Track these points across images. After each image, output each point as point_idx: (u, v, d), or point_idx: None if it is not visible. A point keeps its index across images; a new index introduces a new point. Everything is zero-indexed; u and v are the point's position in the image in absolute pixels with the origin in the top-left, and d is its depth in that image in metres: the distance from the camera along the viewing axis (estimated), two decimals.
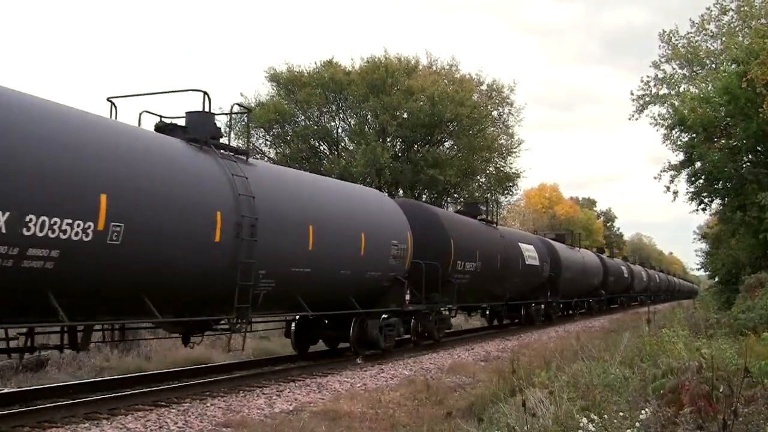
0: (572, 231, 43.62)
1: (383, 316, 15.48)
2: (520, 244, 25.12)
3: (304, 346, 15.42)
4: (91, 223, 8.21)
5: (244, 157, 11.95)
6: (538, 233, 37.00)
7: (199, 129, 11.09)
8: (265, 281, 11.23)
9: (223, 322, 11.40)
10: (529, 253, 25.69)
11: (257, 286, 11.01)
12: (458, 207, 37.40)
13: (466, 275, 19.25)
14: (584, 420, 5.43)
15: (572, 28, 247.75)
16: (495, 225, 23.86)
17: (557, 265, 29.05)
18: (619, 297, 46.62)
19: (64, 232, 7.91)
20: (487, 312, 26.08)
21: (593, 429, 5.23)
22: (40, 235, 7.65)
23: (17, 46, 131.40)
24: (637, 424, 5.24)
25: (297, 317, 14.72)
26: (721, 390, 4.87)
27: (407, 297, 15.82)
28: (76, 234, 8.04)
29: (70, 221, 7.97)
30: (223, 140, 11.75)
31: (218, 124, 11.67)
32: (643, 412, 5.50)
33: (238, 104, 13.11)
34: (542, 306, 28.02)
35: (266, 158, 35.20)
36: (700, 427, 4.85)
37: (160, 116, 11.38)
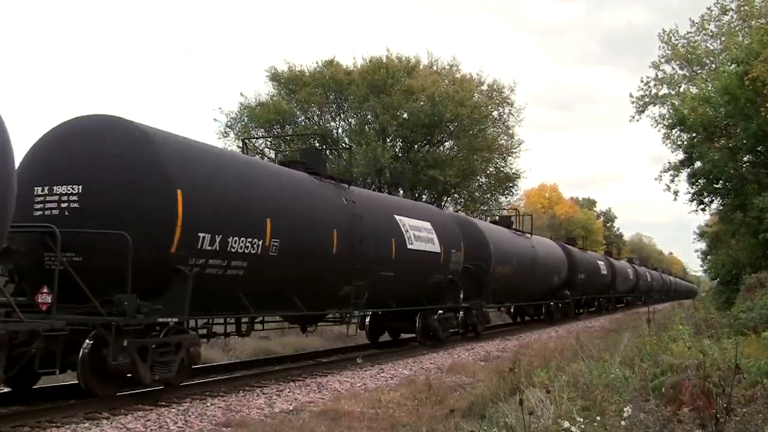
0: (517, 210, 32.19)
1: None
2: (398, 217, 15.99)
3: None
4: None
5: None
6: (472, 214, 30.98)
7: None
8: None
9: None
10: (420, 233, 16.64)
11: None
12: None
13: (237, 262, 10.71)
14: (566, 423, 5.42)
15: (572, 28, 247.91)
16: (346, 185, 14.89)
17: (483, 254, 20.60)
18: (597, 298, 39.21)
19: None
20: (367, 323, 17.82)
21: (575, 431, 5.23)
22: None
23: (17, 46, 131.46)
24: (623, 422, 5.23)
25: None
26: (718, 388, 4.87)
27: None
28: None
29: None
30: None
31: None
32: (625, 409, 5.50)
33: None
34: (459, 314, 19.54)
35: (266, 158, 35.18)
36: (700, 426, 4.85)
37: None
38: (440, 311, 18.14)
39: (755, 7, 25.94)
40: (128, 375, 9.57)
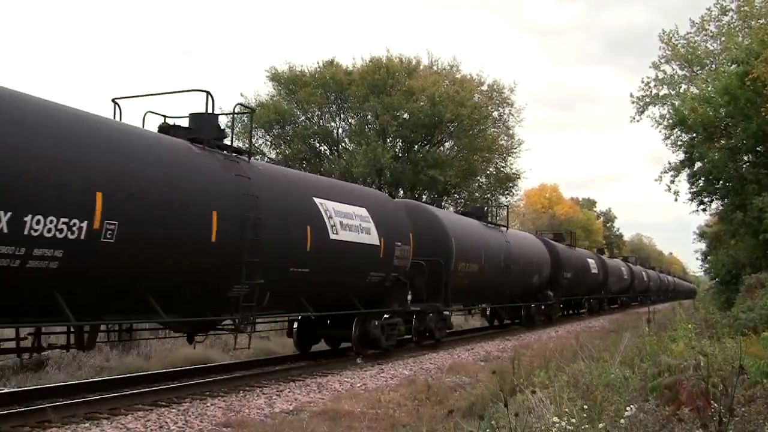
0: (489, 200, 29.54)
1: None
2: (319, 201, 13.12)
3: None
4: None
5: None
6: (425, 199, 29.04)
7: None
8: None
9: None
10: (351, 221, 13.90)
11: None
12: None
13: (44, 251, 7.94)
14: (555, 418, 5.45)
15: (573, 27, 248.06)
16: (244, 158, 11.98)
17: (442, 247, 18.00)
18: (587, 299, 36.77)
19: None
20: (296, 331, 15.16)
21: (570, 428, 5.26)
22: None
23: (17, 47, 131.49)
24: (622, 421, 5.25)
25: None
26: (719, 389, 4.88)
27: None
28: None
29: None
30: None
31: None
32: (628, 408, 5.51)
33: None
34: (413, 318, 17.08)
35: (267, 159, 35.16)
36: (701, 426, 4.85)
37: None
38: (385, 316, 15.48)
39: (755, 7, 25.93)
40: None
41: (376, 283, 14.88)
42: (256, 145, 36.59)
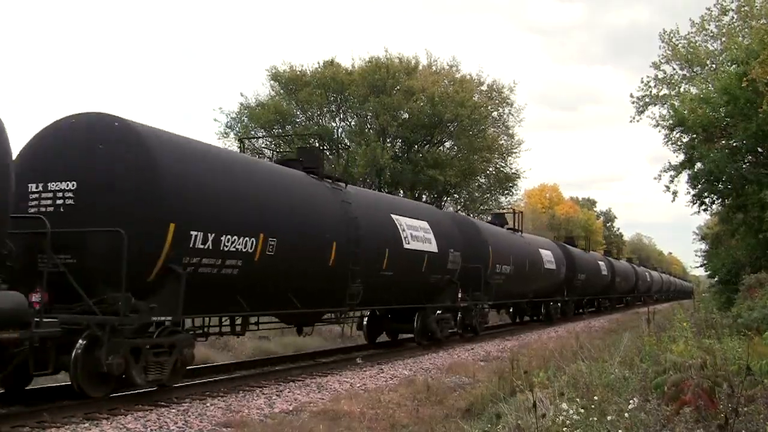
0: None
1: None
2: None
3: None
4: None
5: None
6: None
7: None
8: None
9: None
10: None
11: None
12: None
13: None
14: (564, 405, 5.45)
15: (575, 27, 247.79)
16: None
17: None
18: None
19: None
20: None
21: (577, 417, 5.27)
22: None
23: (17, 47, 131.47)
24: (626, 415, 5.25)
25: None
26: (723, 388, 4.88)
27: None
28: None
29: None
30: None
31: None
32: (631, 402, 5.51)
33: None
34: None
35: (265, 158, 35.13)
36: (703, 426, 4.85)
37: None
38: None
39: (755, 7, 25.90)
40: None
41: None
42: (255, 144, 36.61)
